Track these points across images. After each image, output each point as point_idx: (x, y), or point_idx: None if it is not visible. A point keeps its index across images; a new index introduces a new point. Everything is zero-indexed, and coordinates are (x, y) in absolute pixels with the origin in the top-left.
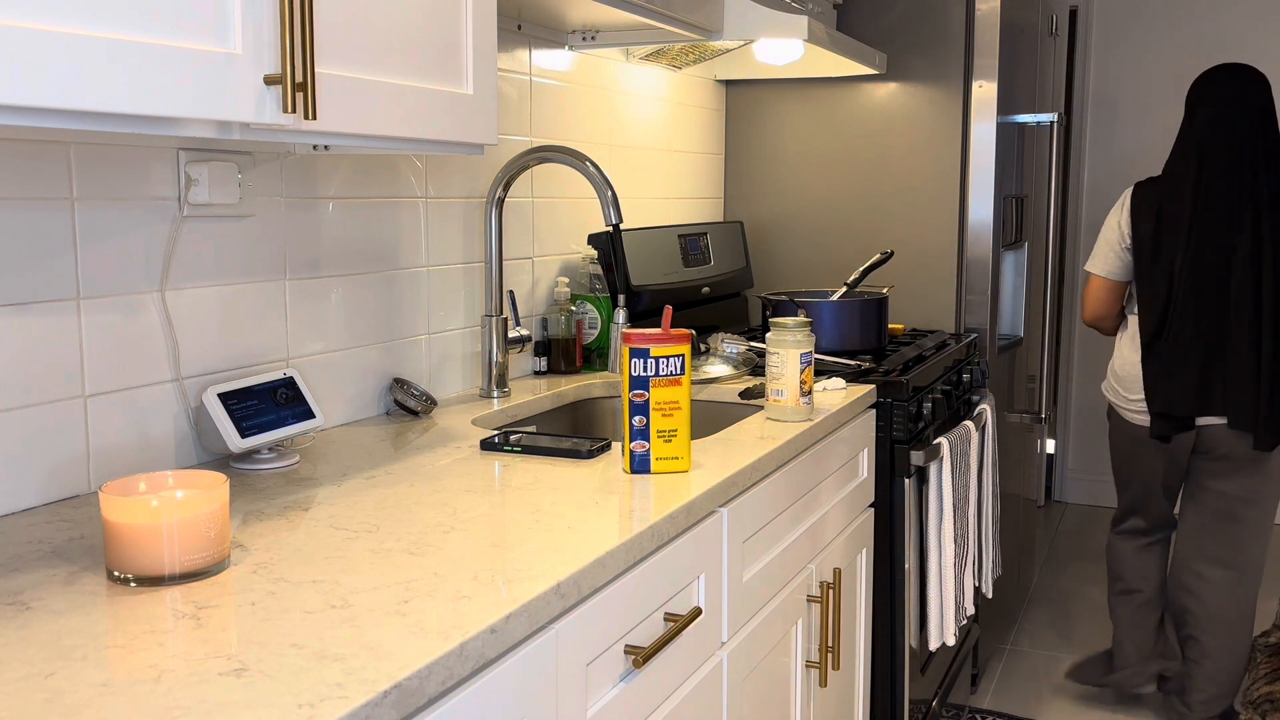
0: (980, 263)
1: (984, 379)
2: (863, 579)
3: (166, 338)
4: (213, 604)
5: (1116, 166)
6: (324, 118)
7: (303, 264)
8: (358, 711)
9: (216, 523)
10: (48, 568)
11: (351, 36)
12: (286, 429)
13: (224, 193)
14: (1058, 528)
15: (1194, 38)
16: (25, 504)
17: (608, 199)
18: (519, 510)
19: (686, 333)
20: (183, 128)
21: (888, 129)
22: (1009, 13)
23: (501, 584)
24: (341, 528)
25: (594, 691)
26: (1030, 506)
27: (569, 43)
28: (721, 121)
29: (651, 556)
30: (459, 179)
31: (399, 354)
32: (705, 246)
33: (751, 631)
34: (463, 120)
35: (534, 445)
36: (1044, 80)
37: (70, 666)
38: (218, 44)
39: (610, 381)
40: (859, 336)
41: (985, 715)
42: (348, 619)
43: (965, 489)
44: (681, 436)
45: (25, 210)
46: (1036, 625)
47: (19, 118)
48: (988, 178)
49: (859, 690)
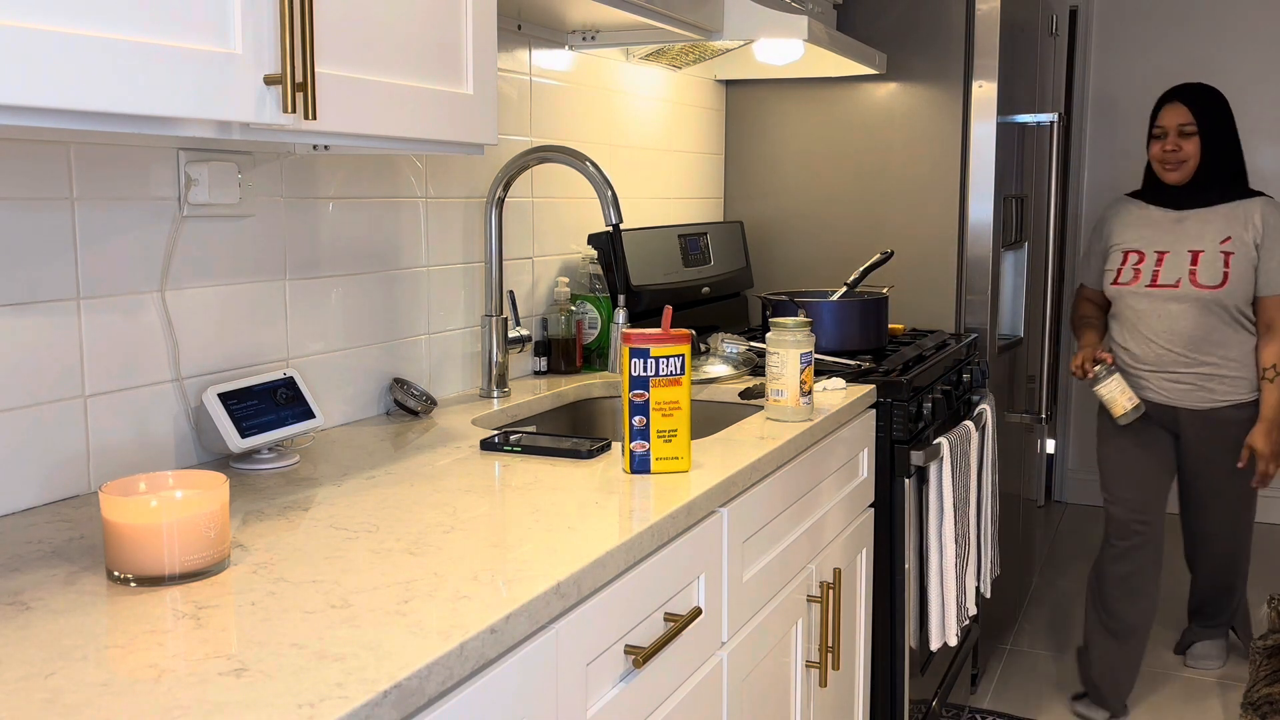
0: (980, 263)
1: (984, 379)
2: (863, 579)
3: (166, 338)
4: (213, 604)
5: (1116, 166)
6: (324, 118)
7: (303, 264)
8: (358, 711)
9: (216, 523)
10: (48, 568)
11: (351, 36)
12: (286, 429)
13: (224, 193)
14: (1058, 528)
15: (1194, 37)
16: (25, 504)
17: (608, 199)
18: (519, 510)
19: (686, 333)
20: (183, 128)
21: (888, 129)
22: (1009, 13)
23: (501, 584)
24: (341, 528)
25: (594, 691)
26: (1030, 506)
27: (569, 43)
28: (721, 121)
29: (651, 556)
30: (459, 179)
31: (399, 354)
32: (705, 246)
33: (751, 631)
34: (463, 120)
35: (534, 445)
36: (1044, 80)
37: (70, 666)
38: (218, 44)
39: (610, 381)
40: (859, 336)
41: (985, 715)
42: (348, 619)
43: (965, 489)
44: (681, 436)
45: (25, 210)
46: (1036, 625)
47: (19, 118)
48: (988, 178)
49: (859, 690)
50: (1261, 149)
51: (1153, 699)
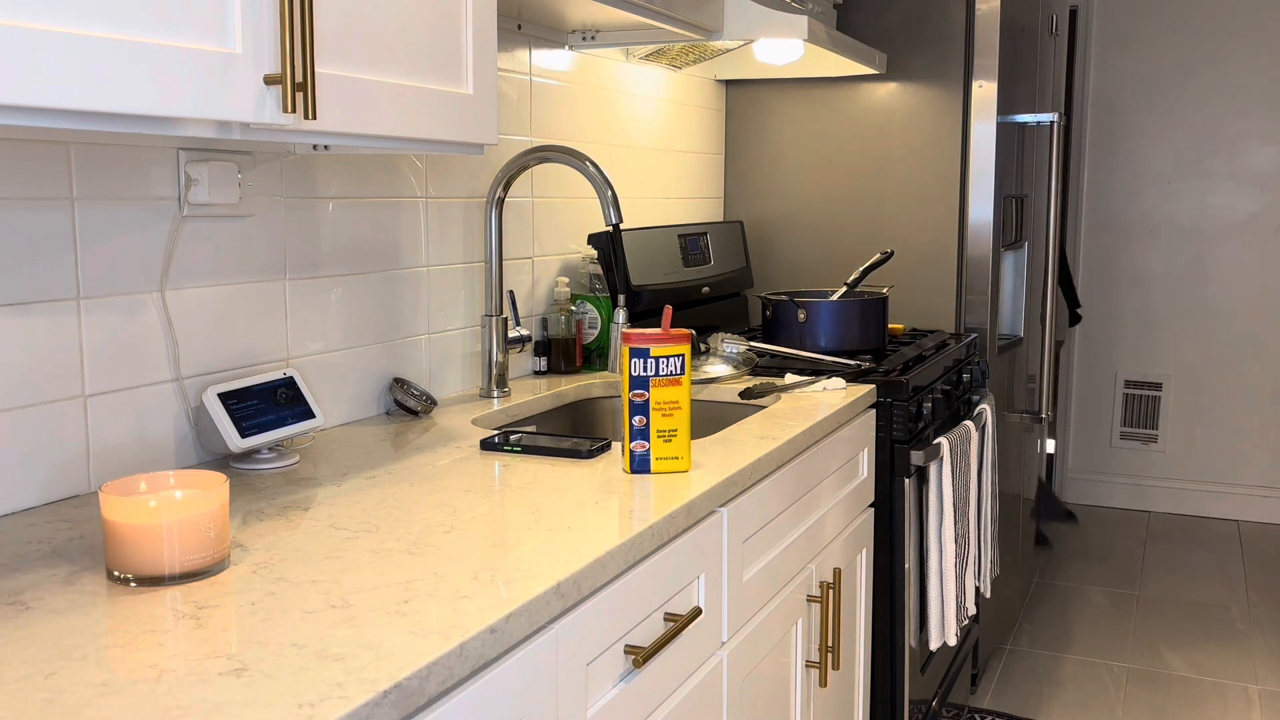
0: (980, 263)
1: (984, 379)
2: (863, 579)
3: (166, 338)
4: (213, 604)
5: (1116, 166)
6: (324, 118)
7: (303, 264)
8: (358, 711)
9: (216, 523)
10: (48, 568)
11: (351, 36)
12: (286, 429)
13: (224, 193)
14: (1058, 528)
15: (1194, 38)
16: (25, 504)
17: (608, 199)
18: (519, 510)
19: (686, 333)
20: (183, 128)
21: (888, 129)
22: (1009, 13)
23: (501, 584)
24: (341, 527)
25: (594, 691)
26: (1030, 506)
27: (569, 43)
28: (721, 121)
29: (651, 556)
30: (459, 179)
31: (399, 354)
32: (705, 246)
33: (751, 631)
34: (463, 120)
35: (534, 445)
36: (1044, 80)
37: (70, 666)
38: (218, 44)
39: (610, 381)
40: (859, 336)
41: (985, 715)
42: (348, 619)
43: (965, 489)
44: (681, 436)
45: (25, 210)
46: (1036, 625)
47: (19, 118)
48: (988, 178)
49: (859, 690)
50: (1261, 149)
51: (1153, 699)
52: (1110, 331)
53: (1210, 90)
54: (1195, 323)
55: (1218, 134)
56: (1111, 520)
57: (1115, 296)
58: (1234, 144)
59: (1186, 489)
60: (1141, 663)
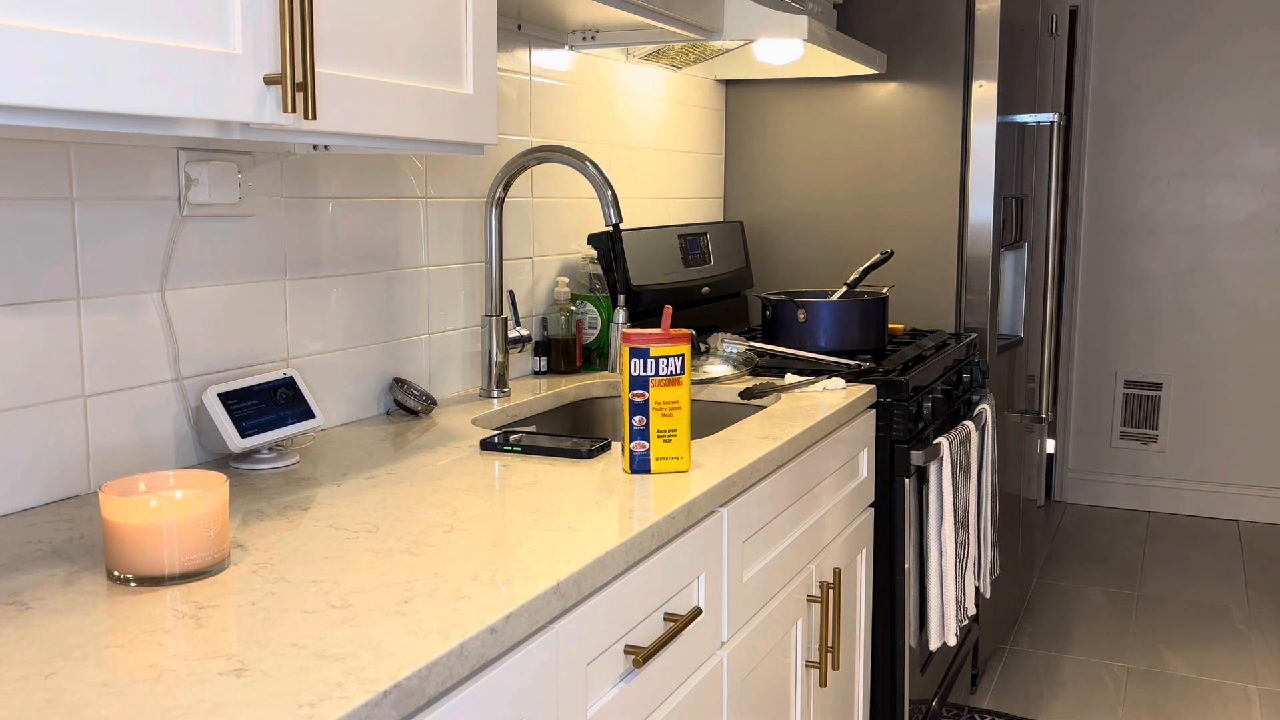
0: (980, 263)
1: (984, 379)
2: (863, 579)
3: (166, 338)
4: (213, 604)
5: (1116, 166)
6: (324, 118)
7: (303, 264)
8: (358, 711)
9: (216, 523)
10: (48, 568)
11: (351, 36)
12: (286, 429)
13: (224, 193)
14: (1058, 528)
15: (1194, 37)
16: (25, 504)
17: (608, 199)
18: (519, 510)
19: (686, 333)
20: (183, 128)
21: (888, 129)
22: (1009, 13)
23: (501, 584)
24: (341, 528)
25: (594, 691)
26: (1030, 506)
27: (569, 43)
28: (721, 121)
29: (651, 556)
30: (459, 179)
31: (399, 354)
32: (705, 246)
33: (751, 631)
34: (463, 120)
35: (534, 445)
36: (1044, 80)
37: (70, 666)
38: (217, 44)
39: (610, 381)
40: (859, 336)
41: (985, 715)
42: (348, 619)
43: (965, 489)
44: (681, 436)
45: (25, 210)
46: (1036, 625)
47: (19, 118)
48: (988, 178)
49: (859, 690)
50: (1261, 149)
51: (1153, 699)
52: (1110, 331)
53: (1210, 90)
54: (1195, 323)
55: (1217, 134)
56: (1111, 520)
57: (1115, 296)
58: (1233, 144)
59: (1186, 489)
60: (1141, 663)
